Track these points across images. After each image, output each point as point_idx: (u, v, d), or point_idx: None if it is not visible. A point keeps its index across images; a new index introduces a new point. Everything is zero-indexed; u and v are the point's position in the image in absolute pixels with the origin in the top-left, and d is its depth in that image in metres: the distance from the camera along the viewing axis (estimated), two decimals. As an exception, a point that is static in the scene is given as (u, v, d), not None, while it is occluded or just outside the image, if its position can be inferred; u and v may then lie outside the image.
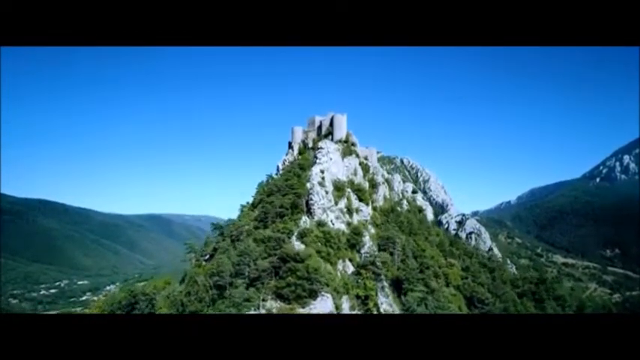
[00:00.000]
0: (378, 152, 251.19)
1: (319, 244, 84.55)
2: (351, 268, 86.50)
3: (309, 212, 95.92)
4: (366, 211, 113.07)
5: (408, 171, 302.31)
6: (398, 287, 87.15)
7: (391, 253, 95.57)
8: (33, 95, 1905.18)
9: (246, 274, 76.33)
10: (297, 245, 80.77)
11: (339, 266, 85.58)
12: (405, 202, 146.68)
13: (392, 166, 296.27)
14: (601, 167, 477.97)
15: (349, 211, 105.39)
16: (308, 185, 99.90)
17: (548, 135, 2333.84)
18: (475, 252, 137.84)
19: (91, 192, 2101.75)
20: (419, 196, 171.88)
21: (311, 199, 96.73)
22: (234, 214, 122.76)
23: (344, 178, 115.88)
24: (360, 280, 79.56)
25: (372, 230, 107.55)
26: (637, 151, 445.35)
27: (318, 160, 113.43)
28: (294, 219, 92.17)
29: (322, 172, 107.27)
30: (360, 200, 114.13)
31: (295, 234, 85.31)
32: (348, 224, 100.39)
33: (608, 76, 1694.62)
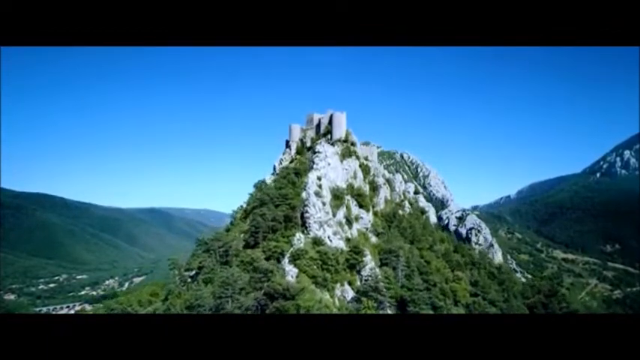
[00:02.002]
0: (377, 147, 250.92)
1: (314, 267, 77.12)
2: (350, 293, 79.33)
3: (304, 226, 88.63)
4: (367, 218, 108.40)
5: (408, 166, 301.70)
6: (402, 310, 78.99)
7: (394, 268, 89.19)
8: (33, 90, 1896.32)
9: (228, 309, 67.08)
10: (289, 269, 74.65)
11: (337, 291, 78.51)
12: (406, 203, 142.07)
13: (392, 161, 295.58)
14: (601, 162, 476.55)
15: (348, 221, 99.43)
16: (303, 195, 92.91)
17: (549, 130, 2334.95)
18: (481, 260, 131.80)
19: (91, 186, 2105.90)
20: (421, 197, 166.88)
21: (306, 212, 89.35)
22: (234, 208, 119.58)
23: (343, 185, 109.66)
24: (361, 310, 69.75)
25: (373, 239, 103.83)
26: (637, 146, 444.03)
27: (315, 166, 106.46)
28: (288, 235, 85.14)
29: (319, 178, 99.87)
30: (361, 206, 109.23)
31: (288, 255, 78.16)
32: (348, 240, 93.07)
33: (608, 70, 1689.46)
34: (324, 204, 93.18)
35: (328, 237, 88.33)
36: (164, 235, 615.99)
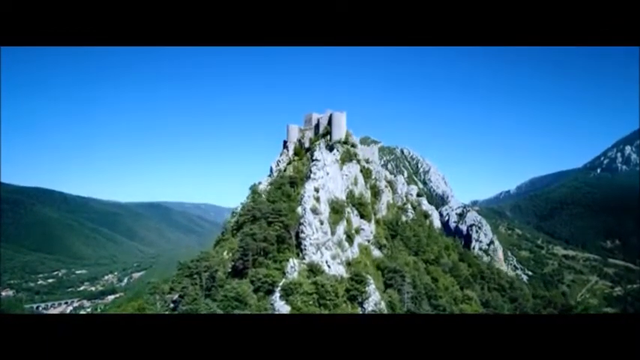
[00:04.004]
0: (377, 143, 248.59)
1: (310, 302, 68.19)
2: (351, 331, 71.12)
3: (299, 248, 79.37)
4: (369, 229, 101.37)
5: (408, 162, 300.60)
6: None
7: (399, 291, 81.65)
8: (33, 86, 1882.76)
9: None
10: (280, 307, 67.18)
11: (337, 329, 70.80)
12: (409, 206, 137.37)
13: (392, 157, 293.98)
14: (602, 158, 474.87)
15: (349, 237, 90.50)
16: (299, 210, 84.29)
17: (549, 125, 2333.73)
18: (491, 273, 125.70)
19: (90, 180, 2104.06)
20: (424, 200, 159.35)
21: (302, 232, 79.71)
22: (234, 203, 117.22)
23: (342, 196, 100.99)
24: None
25: (376, 252, 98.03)
26: (638, 142, 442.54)
27: (312, 175, 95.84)
28: (280, 259, 76.46)
29: (317, 190, 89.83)
30: (362, 216, 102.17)
31: (279, 289, 69.37)
32: (348, 264, 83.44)
33: (609, 66, 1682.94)
34: (321, 223, 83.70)
35: (326, 262, 79.02)
36: (163, 230, 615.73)
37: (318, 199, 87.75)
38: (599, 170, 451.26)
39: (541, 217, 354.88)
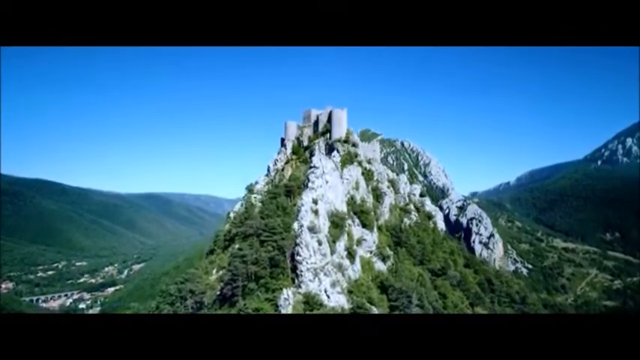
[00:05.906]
0: (377, 136, 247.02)
1: None
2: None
3: (295, 273, 71.52)
4: (371, 239, 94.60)
5: (409, 154, 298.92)
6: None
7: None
8: (33, 79, 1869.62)
9: None
10: None
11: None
12: (412, 207, 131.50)
13: (392, 149, 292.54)
14: (603, 150, 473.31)
15: (350, 254, 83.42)
16: (295, 226, 76.72)
17: (549, 116, 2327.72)
18: (500, 283, 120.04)
19: (90, 171, 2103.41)
20: (427, 201, 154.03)
21: (298, 254, 71.66)
22: (234, 194, 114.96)
23: (343, 207, 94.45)
24: None
25: (379, 264, 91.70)
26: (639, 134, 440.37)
27: (310, 185, 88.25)
28: (273, 288, 69.37)
29: (315, 202, 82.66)
30: (364, 226, 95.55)
31: None
32: (350, 292, 74.50)
33: (610, 58, 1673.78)
34: (320, 243, 76.15)
35: (325, 291, 70.54)
36: (164, 221, 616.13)
37: (316, 212, 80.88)
38: (599, 162, 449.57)
39: (541, 210, 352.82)
